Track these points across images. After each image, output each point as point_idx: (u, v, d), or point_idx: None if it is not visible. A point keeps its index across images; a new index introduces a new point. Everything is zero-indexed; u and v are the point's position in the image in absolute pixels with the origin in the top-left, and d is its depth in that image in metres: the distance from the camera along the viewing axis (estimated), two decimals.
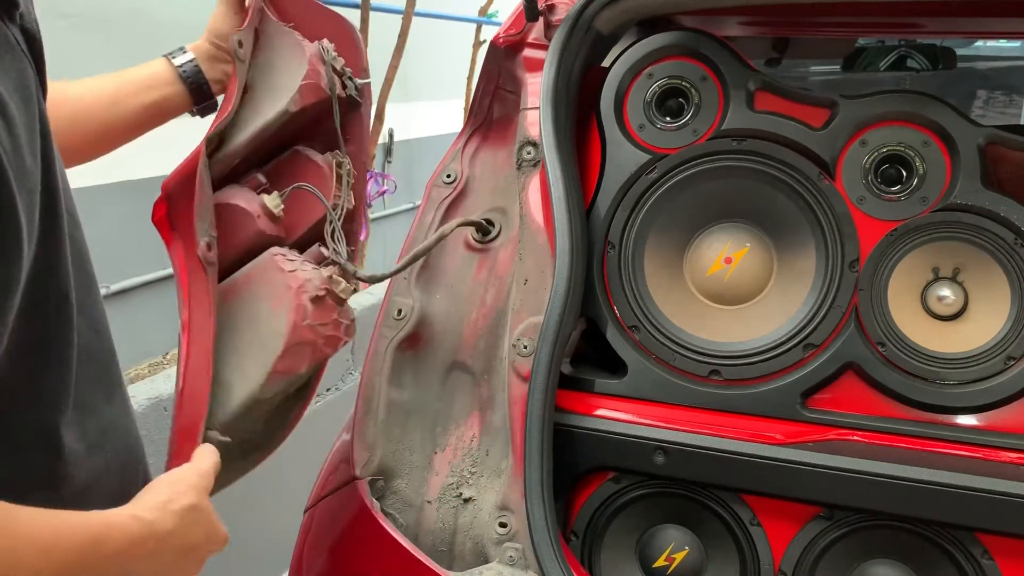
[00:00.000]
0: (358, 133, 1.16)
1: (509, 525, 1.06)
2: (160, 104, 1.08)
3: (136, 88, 1.07)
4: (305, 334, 0.96)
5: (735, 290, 1.24)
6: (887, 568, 1.12)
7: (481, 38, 5.84)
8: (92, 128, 1.05)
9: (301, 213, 1.08)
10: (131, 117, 1.06)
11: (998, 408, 1.14)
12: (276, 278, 0.98)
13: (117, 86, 1.06)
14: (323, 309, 0.98)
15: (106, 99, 1.05)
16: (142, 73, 1.08)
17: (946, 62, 3.32)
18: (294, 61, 1.07)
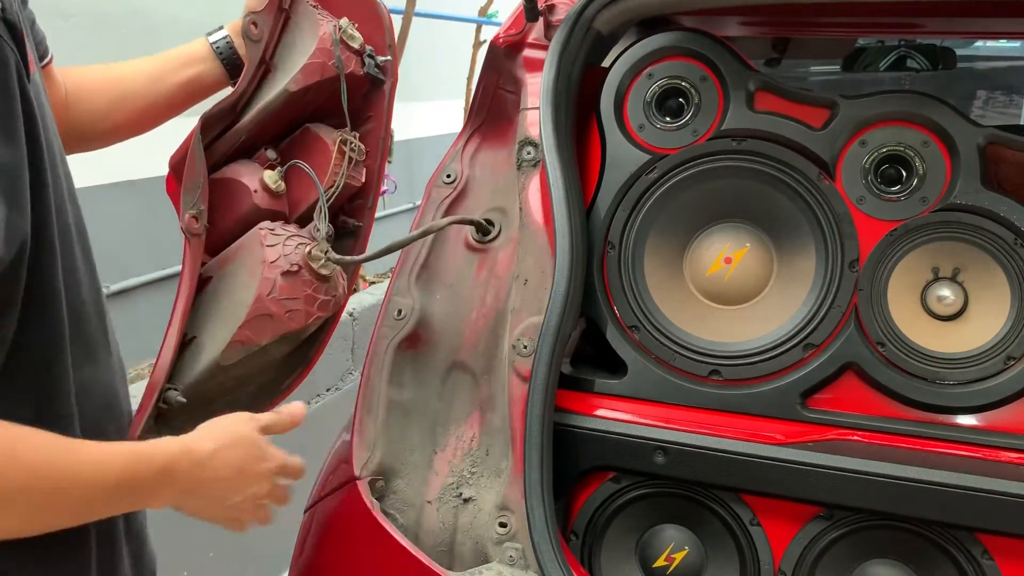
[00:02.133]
0: (379, 110, 1.16)
1: (509, 525, 1.06)
2: (197, 80, 1.13)
3: (174, 66, 1.12)
4: (269, 307, 0.97)
5: (735, 290, 1.24)
6: (887, 568, 1.12)
7: (481, 38, 5.84)
8: (137, 105, 1.11)
9: (306, 189, 1.10)
10: (171, 93, 1.12)
11: (998, 408, 1.14)
12: (256, 251, 1.00)
13: (157, 64, 1.12)
14: (295, 284, 0.99)
15: (146, 77, 1.10)
16: (181, 51, 1.13)
17: (946, 62, 3.32)
18: (308, 41, 1.09)
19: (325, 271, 1.02)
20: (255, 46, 1.09)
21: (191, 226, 1.01)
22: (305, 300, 1.00)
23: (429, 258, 1.24)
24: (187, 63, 1.13)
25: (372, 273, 5.36)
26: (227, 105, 1.08)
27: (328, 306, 1.03)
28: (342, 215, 1.19)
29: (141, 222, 3.67)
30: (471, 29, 5.98)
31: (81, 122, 1.06)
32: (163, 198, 1.14)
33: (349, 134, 1.11)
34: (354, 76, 1.12)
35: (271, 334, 0.99)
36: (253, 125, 1.09)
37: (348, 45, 1.10)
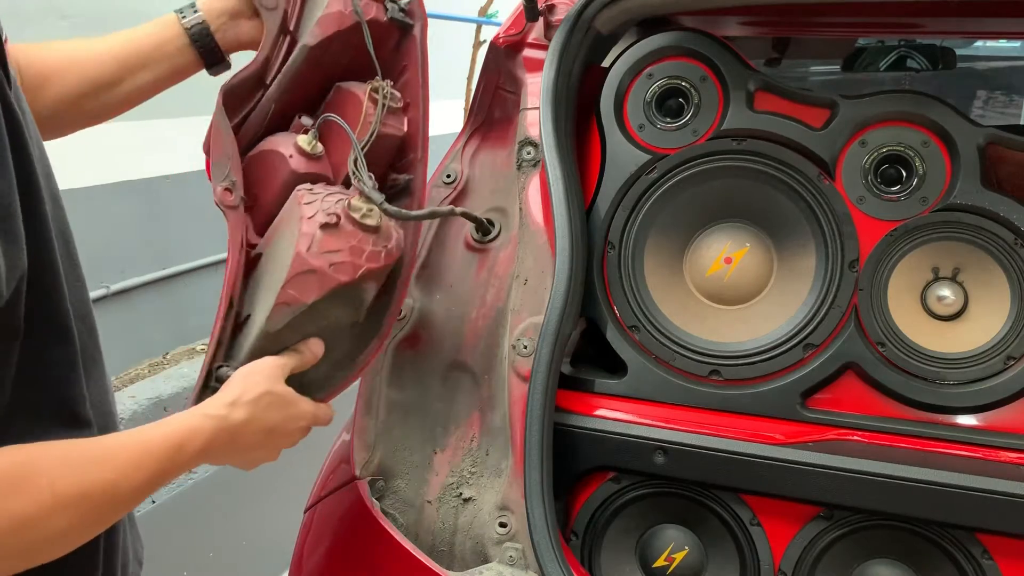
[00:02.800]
0: (413, 58, 1.11)
1: (509, 525, 1.06)
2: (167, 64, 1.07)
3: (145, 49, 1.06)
4: (311, 262, 0.93)
5: (735, 290, 1.24)
6: (887, 568, 1.12)
7: (481, 38, 5.84)
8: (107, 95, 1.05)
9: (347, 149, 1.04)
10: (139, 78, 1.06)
11: (998, 408, 1.14)
12: (294, 213, 0.96)
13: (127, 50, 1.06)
14: (337, 236, 0.94)
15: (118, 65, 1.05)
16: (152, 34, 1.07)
17: (946, 62, 3.32)
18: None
19: (370, 221, 0.96)
20: (272, 14, 1.05)
21: (225, 199, 0.97)
22: (351, 251, 0.95)
23: (429, 258, 1.24)
24: (157, 46, 1.06)
25: None
26: (249, 75, 1.03)
27: (379, 257, 0.97)
28: (392, 173, 1.13)
29: (141, 222, 3.67)
30: (471, 29, 5.98)
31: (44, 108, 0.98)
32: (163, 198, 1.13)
33: (380, 82, 1.05)
34: (378, 23, 1.06)
35: (318, 291, 0.94)
36: (280, 92, 1.05)
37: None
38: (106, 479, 0.72)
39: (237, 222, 0.99)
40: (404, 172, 1.12)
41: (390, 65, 1.11)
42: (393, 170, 1.12)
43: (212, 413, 0.84)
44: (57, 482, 0.68)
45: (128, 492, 0.74)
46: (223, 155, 0.99)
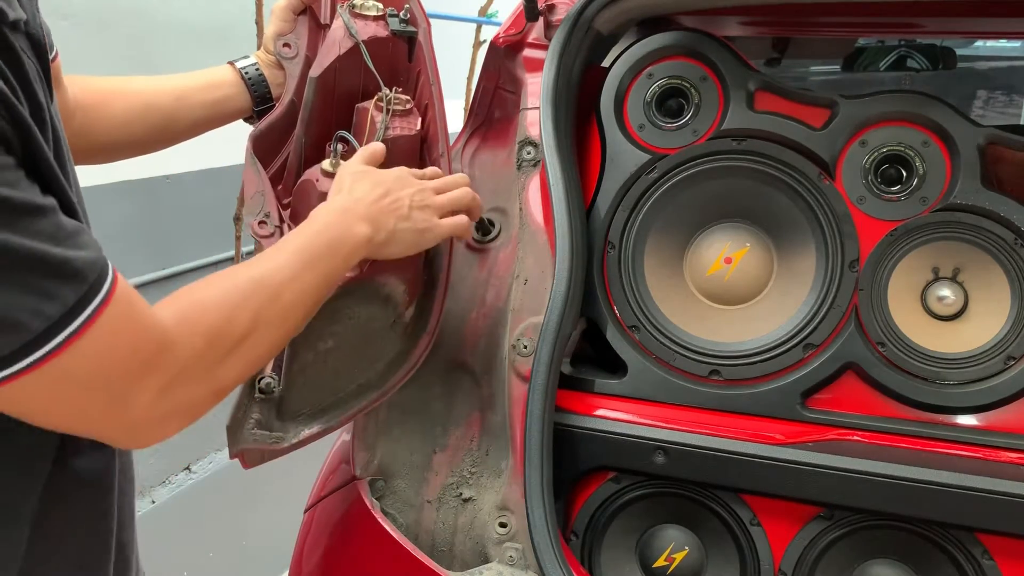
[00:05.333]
0: (423, 60, 1.16)
1: (509, 525, 1.06)
2: (223, 103, 1.13)
3: (202, 86, 1.11)
4: None
5: (735, 290, 1.24)
6: (887, 568, 1.12)
7: (481, 38, 5.84)
8: (157, 120, 1.09)
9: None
10: (195, 113, 1.11)
11: (998, 408, 1.14)
12: None
13: (182, 82, 1.11)
14: None
15: (172, 94, 1.09)
16: (207, 73, 1.13)
17: (946, 62, 3.32)
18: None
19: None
20: (293, 62, 1.12)
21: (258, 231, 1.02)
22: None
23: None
24: (214, 85, 1.12)
25: None
26: (276, 120, 1.09)
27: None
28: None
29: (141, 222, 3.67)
30: (471, 29, 5.98)
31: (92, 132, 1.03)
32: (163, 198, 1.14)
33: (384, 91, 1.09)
34: (379, 40, 1.10)
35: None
36: (305, 127, 1.10)
37: (363, 15, 1.09)
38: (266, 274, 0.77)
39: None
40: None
41: (407, 74, 1.15)
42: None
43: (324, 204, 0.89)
44: (228, 290, 0.74)
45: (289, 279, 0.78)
46: (256, 192, 1.03)
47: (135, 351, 0.65)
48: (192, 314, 0.70)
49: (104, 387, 0.64)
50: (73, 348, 0.61)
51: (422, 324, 1.11)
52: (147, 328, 0.66)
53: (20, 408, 0.64)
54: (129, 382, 0.65)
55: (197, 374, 0.70)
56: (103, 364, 0.63)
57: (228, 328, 0.72)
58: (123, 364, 0.65)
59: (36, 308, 0.58)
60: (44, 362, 0.59)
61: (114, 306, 0.63)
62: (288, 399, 1.00)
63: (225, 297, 0.73)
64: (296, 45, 1.13)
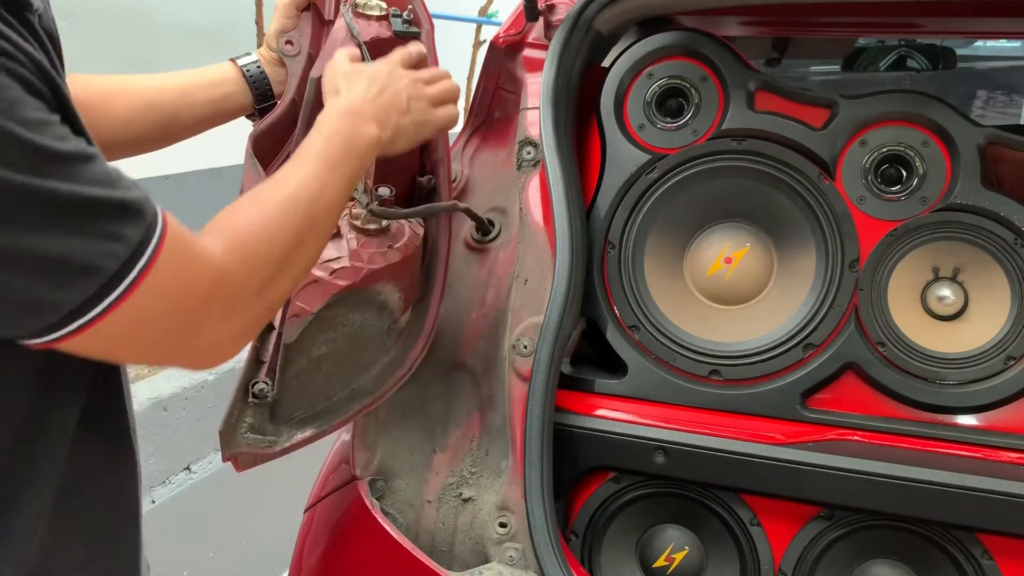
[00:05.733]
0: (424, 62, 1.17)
1: (509, 525, 1.06)
2: (224, 101, 1.13)
3: (204, 83, 1.11)
4: (313, 273, 0.98)
5: (735, 290, 1.24)
6: (887, 568, 1.12)
7: (481, 38, 5.85)
8: (159, 119, 1.09)
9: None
10: (196, 111, 1.11)
11: (998, 408, 1.14)
12: None
13: (184, 80, 1.11)
14: (337, 245, 1.00)
15: (174, 92, 1.09)
16: (208, 71, 1.13)
17: (946, 62, 3.32)
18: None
19: (371, 225, 1.02)
20: (295, 60, 1.12)
21: None
22: (351, 256, 1.00)
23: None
24: (216, 83, 1.12)
25: None
26: (277, 119, 1.09)
27: (380, 258, 1.02)
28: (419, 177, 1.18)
29: None
30: (471, 29, 5.98)
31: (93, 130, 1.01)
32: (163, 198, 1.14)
33: None
34: (381, 40, 1.09)
35: (321, 298, 0.99)
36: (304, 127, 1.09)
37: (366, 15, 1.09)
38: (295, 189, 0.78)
39: None
40: (429, 174, 1.16)
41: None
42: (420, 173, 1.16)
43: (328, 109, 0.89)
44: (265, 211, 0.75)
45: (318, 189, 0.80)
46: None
47: (196, 282, 0.68)
48: (237, 242, 0.73)
49: (173, 319, 0.67)
50: (144, 284, 0.63)
51: (417, 329, 1.11)
52: (203, 259, 0.69)
53: (101, 347, 0.66)
54: (195, 311, 0.68)
55: (252, 297, 0.74)
56: (171, 297, 0.66)
57: (273, 251, 0.75)
58: (187, 295, 0.67)
59: (108, 251, 0.61)
60: (121, 301, 0.62)
61: (171, 241, 0.65)
62: (281, 403, 1.00)
63: (264, 221, 0.75)
64: (299, 43, 1.13)
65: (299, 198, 0.78)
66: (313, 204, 0.79)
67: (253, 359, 0.99)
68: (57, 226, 0.59)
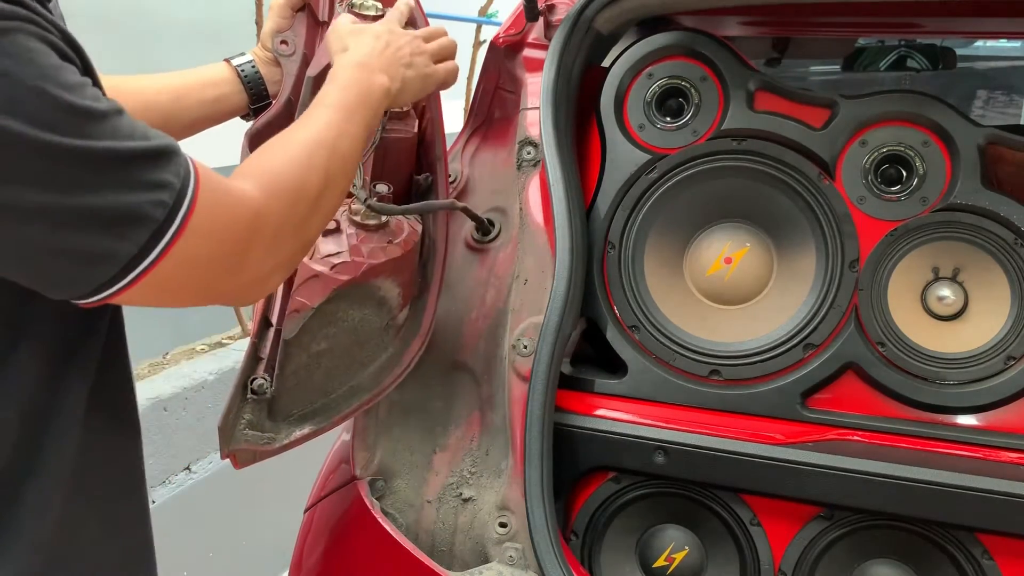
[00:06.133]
0: None
1: (509, 525, 1.06)
2: (220, 101, 1.13)
3: (199, 84, 1.12)
4: (313, 268, 0.99)
5: (735, 290, 1.24)
6: (887, 568, 1.12)
7: (481, 38, 5.84)
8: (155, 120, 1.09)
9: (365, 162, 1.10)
10: (192, 112, 1.11)
11: (998, 408, 1.14)
12: None
13: (180, 81, 1.12)
14: (337, 240, 1.01)
15: (169, 93, 1.10)
16: (203, 71, 1.13)
17: (946, 62, 3.32)
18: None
19: (371, 220, 1.03)
20: (290, 60, 1.13)
21: None
22: (351, 251, 1.01)
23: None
24: (211, 83, 1.12)
25: None
26: (274, 118, 1.09)
27: (381, 253, 1.03)
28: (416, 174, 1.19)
29: None
30: (471, 29, 5.98)
31: None
32: None
33: None
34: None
35: (322, 293, 0.99)
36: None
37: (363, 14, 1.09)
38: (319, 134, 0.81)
39: None
40: (426, 172, 1.17)
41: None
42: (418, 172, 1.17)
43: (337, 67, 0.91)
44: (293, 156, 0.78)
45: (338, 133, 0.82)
46: None
47: (236, 220, 0.70)
48: (271, 183, 0.75)
49: (219, 256, 0.70)
50: (190, 227, 0.65)
51: (415, 326, 1.11)
52: (240, 199, 0.71)
53: (155, 294, 0.68)
54: (238, 247, 0.71)
55: (289, 233, 0.76)
56: (215, 236, 0.68)
57: (305, 189, 0.77)
58: (230, 232, 0.70)
59: (155, 199, 0.63)
60: (171, 245, 0.64)
61: (205, 181, 0.67)
62: (280, 400, 1.00)
63: (294, 162, 0.78)
64: (294, 43, 1.13)
65: (324, 142, 0.81)
66: (337, 146, 0.82)
67: (251, 355, 0.99)
68: (108, 182, 0.61)
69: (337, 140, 0.82)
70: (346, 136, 0.84)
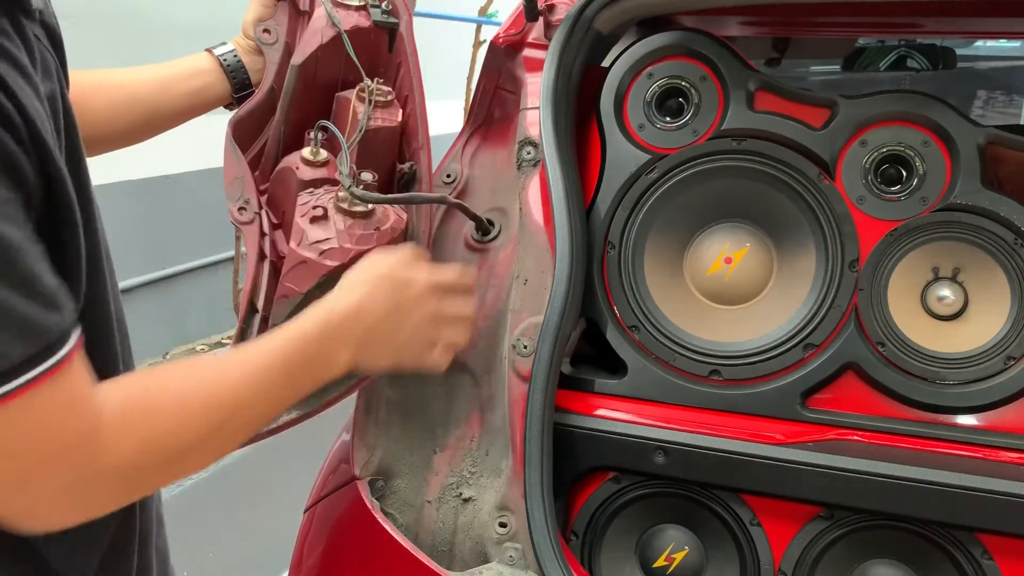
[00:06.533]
0: (403, 52, 1.16)
1: (509, 525, 1.06)
2: (204, 91, 1.12)
3: (182, 75, 1.11)
4: (302, 253, 0.99)
5: (735, 290, 1.24)
6: (887, 568, 1.12)
7: (481, 38, 5.84)
8: (141, 113, 1.09)
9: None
10: (177, 103, 1.11)
11: (998, 408, 1.14)
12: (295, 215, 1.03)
13: (163, 73, 1.11)
14: (325, 226, 1.00)
15: (154, 85, 1.09)
16: (185, 62, 1.13)
17: (946, 62, 3.32)
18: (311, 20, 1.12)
19: (359, 207, 1.02)
20: (272, 48, 1.12)
21: (238, 217, 1.04)
22: (340, 237, 1.00)
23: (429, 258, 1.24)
24: (194, 74, 1.12)
25: None
26: (256, 106, 1.10)
27: (370, 239, 1.02)
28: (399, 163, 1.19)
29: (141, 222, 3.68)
30: (471, 29, 5.98)
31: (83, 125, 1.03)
32: (163, 198, 1.14)
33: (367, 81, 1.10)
34: (364, 30, 1.11)
35: (311, 278, 0.99)
36: (285, 114, 1.11)
37: (346, 4, 1.11)
38: (231, 388, 0.71)
39: (252, 235, 1.05)
40: (410, 160, 1.17)
41: (387, 65, 1.16)
42: (401, 160, 1.17)
43: (321, 303, 0.84)
44: (186, 396, 0.68)
45: (253, 398, 0.73)
46: (235, 178, 1.05)
47: (60, 430, 0.59)
48: (137, 413, 0.65)
49: (10, 459, 0.58)
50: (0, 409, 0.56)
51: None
52: (82, 413, 0.61)
53: None
54: (38, 465, 0.59)
55: (113, 481, 0.64)
56: (20, 436, 0.58)
57: (168, 442, 0.67)
58: (41, 445, 0.59)
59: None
60: None
61: (57, 379, 0.58)
62: None
63: (181, 405, 0.68)
64: (276, 31, 1.13)
65: (226, 401, 0.71)
66: (236, 413, 0.72)
67: (238, 341, 1.00)
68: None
69: (243, 408, 0.73)
70: (257, 407, 0.75)
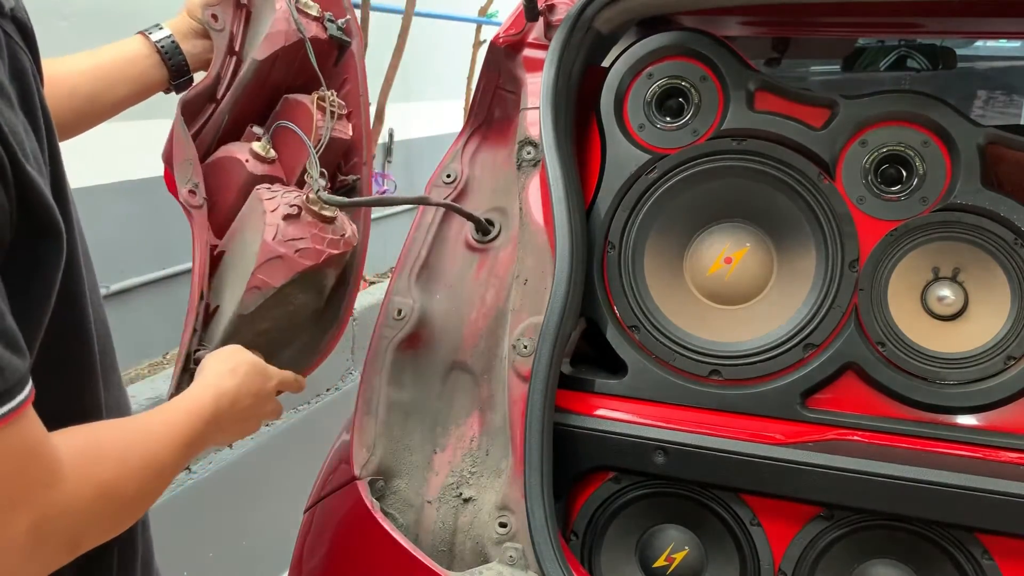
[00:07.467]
0: (352, 72, 1.22)
1: (509, 525, 1.06)
2: (141, 78, 1.11)
3: (120, 62, 1.10)
4: (277, 248, 1.01)
5: (735, 290, 1.24)
6: (887, 568, 1.12)
7: (481, 38, 5.84)
8: (81, 104, 1.07)
9: (296, 153, 1.15)
10: (117, 92, 1.09)
11: (998, 408, 1.14)
12: (256, 208, 1.05)
13: (100, 61, 1.09)
14: (299, 225, 1.03)
15: (93, 74, 1.07)
16: (121, 49, 1.11)
17: (946, 62, 3.32)
18: (267, 17, 1.14)
19: (327, 212, 1.05)
20: (220, 35, 1.14)
21: (189, 200, 1.05)
22: (312, 239, 1.03)
23: (429, 258, 1.24)
24: (131, 61, 1.09)
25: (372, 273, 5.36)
26: (203, 90, 1.11)
27: (338, 244, 1.06)
28: (340, 175, 1.23)
29: (141, 222, 3.68)
30: (471, 29, 5.98)
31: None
32: (163, 198, 1.15)
33: (326, 91, 1.14)
34: (318, 40, 1.15)
35: (285, 275, 1.02)
36: (233, 104, 1.13)
37: (305, 13, 1.14)
38: (153, 451, 0.76)
39: (202, 221, 1.08)
40: (350, 174, 1.22)
41: (331, 78, 1.20)
42: (340, 172, 1.22)
43: (204, 385, 0.89)
44: (125, 452, 0.72)
45: (169, 462, 0.78)
46: (185, 160, 1.07)
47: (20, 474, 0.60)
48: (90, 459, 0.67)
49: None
50: None
51: (332, 316, 1.16)
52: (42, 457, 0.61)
53: None
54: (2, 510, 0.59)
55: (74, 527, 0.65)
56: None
57: (119, 491, 0.69)
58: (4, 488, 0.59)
59: None
60: None
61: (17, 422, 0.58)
62: None
63: (123, 458, 0.71)
64: (223, 18, 1.14)
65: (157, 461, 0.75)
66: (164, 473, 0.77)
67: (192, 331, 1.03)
68: None
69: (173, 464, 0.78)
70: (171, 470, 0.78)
